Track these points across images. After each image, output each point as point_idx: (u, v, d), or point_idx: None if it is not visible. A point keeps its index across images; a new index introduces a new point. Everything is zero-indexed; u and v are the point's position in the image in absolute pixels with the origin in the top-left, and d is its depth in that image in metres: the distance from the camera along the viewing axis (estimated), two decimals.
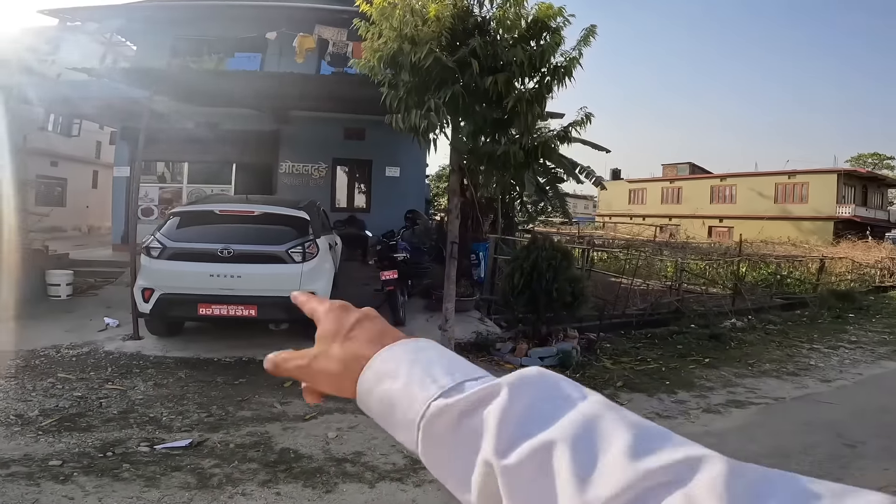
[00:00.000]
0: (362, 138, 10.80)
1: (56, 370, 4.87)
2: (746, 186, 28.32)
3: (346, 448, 3.65)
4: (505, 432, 0.35)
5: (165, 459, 3.33)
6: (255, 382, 4.85)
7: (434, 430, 0.38)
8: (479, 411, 0.37)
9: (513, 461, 0.34)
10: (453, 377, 0.40)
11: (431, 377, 0.40)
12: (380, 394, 0.42)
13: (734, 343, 7.33)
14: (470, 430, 0.37)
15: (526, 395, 0.37)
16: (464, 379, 0.40)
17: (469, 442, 0.36)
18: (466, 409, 0.37)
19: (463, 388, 0.39)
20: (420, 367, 0.41)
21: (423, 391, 0.39)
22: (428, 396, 0.39)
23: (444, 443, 0.38)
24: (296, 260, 5.41)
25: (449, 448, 0.38)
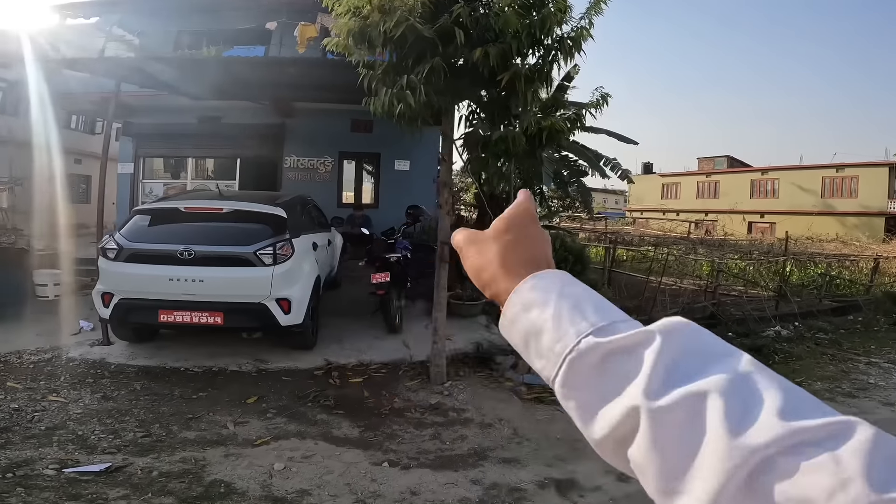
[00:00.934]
0: (370, 131, 10.23)
1: (7, 378, 4.46)
2: (790, 180, 26.60)
3: (291, 484, 3.05)
4: (657, 378, 0.35)
5: (68, 486, 2.82)
6: (214, 398, 4.31)
7: (579, 366, 0.39)
8: (629, 355, 0.37)
9: (663, 404, 0.34)
10: (603, 316, 0.40)
11: (582, 313, 0.40)
12: (526, 321, 0.43)
13: (779, 356, 6.35)
14: (617, 371, 0.37)
15: (677, 345, 0.37)
16: (613, 320, 0.40)
17: (613, 382, 0.37)
18: (616, 350, 0.38)
19: (614, 330, 0.39)
20: (570, 302, 0.42)
21: (574, 326, 0.40)
22: (579, 332, 0.39)
23: (587, 379, 0.38)
24: (265, 262, 4.82)
25: (591, 384, 0.38)
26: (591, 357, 0.38)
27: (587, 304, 0.42)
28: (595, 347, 0.38)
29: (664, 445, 0.34)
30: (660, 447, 0.34)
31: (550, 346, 0.41)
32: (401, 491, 3.09)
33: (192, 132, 10.30)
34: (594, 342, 0.39)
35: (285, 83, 7.89)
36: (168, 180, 11.24)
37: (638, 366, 0.37)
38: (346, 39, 4.36)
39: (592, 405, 0.38)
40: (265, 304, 4.81)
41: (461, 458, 3.58)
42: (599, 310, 0.41)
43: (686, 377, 0.35)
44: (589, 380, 0.38)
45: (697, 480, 0.32)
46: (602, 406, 0.37)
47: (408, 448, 3.68)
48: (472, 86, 4.56)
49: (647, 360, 0.36)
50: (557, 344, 0.40)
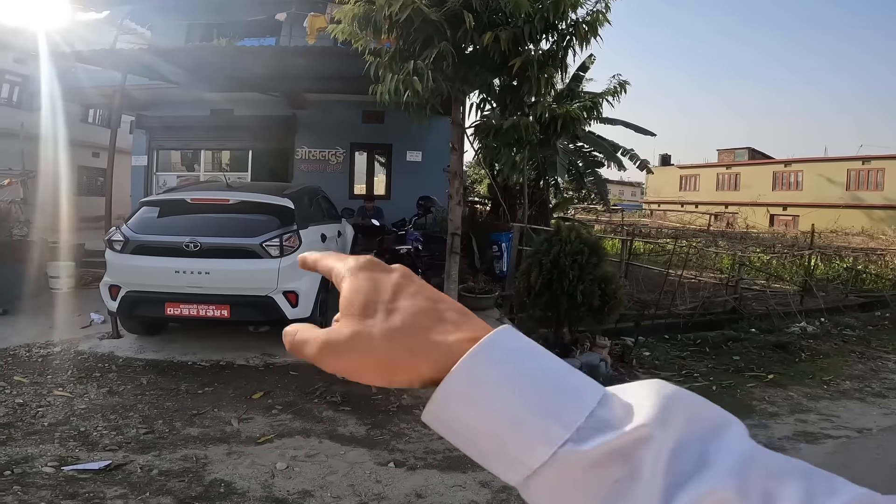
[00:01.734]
0: (381, 122, 10.10)
1: (14, 372, 4.44)
2: (814, 172, 25.88)
3: (293, 485, 2.95)
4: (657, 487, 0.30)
5: (66, 484, 2.76)
6: (220, 393, 4.25)
7: (555, 481, 0.31)
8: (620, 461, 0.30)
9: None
10: (578, 407, 0.31)
11: (551, 411, 0.31)
12: (470, 421, 0.32)
13: (805, 354, 6.06)
14: (604, 480, 0.30)
15: (673, 434, 0.31)
16: (591, 408, 0.31)
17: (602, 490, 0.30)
18: (604, 458, 0.30)
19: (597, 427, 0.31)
20: (531, 394, 0.31)
21: (544, 432, 0.31)
22: (552, 440, 0.30)
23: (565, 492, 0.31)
24: (272, 254, 4.72)
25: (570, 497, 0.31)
26: (572, 470, 0.31)
27: (553, 392, 0.32)
28: (576, 460, 0.30)
29: None
30: None
31: (514, 456, 0.31)
32: (406, 493, 2.97)
33: (205, 124, 10.29)
34: (574, 453, 0.30)
35: (295, 74, 7.80)
36: (182, 172, 11.25)
37: (633, 469, 0.30)
38: (351, 25, 4.22)
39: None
40: (272, 297, 4.73)
41: (470, 460, 3.43)
42: (573, 398, 0.32)
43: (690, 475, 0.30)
44: (567, 493, 0.31)
45: None
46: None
47: (415, 448, 3.57)
48: (482, 72, 4.38)
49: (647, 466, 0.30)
50: (523, 454, 0.31)
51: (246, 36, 9.97)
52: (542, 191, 10.73)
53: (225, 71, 7.77)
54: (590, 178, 11.92)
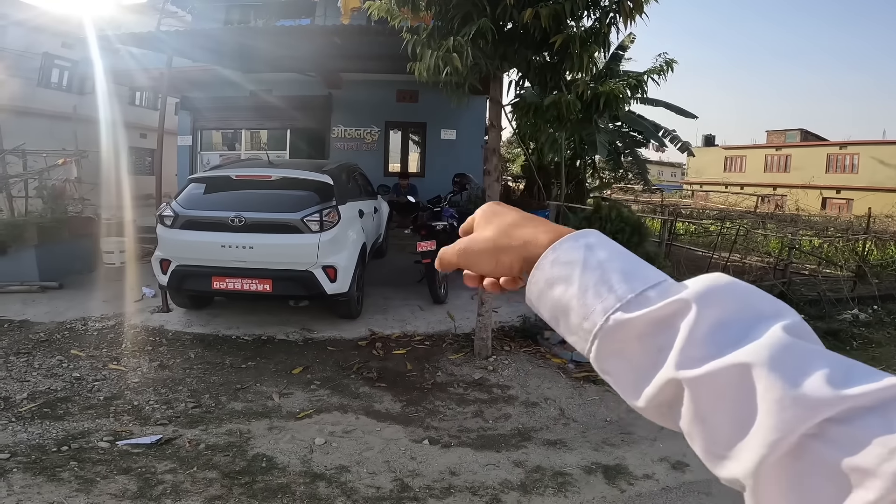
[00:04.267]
0: (415, 101, 10.07)
1: (71, 346, 4.71)
2: (871, 155, 24.41)
3: (330, 460, 3.04)
4: (692, 349, 0.34)
5: (119, 459, 2.91)
6: (262, 367, 4.39)
7: (610, 343, 0.37)
8: (662, 327, 0.36)
9: (702, 374, 0.33)
10: (632, 286, 0.38)
11: (608, 285, 0.38)
12: (552, 299, 0.41)
13: (857, 342, 5.80)
14: (650, 344, 0.36)
15: (715, 311, 0.35)
16: (644, 287, 0.38)
17: (648, 355, 0.36)
18: (648, 324, 0.36)
19: (644, 301, 0.37)
20: (595, 275, 0.39)
21: (601, 302, 0.38)
22: (606, 308, 0.38)
23: (621, 354, 0.37)
24: (312, 229, 4.82)
25: (625, 359, 0.37)
26: (622, 333, 0.37)
27: (613, 273, 0.39)
28: (624, 324, 0.37)
29: (707, 415, 0.33)
30: (702, 417, 0.33)
31: (579, 324, 0.39)
32: (440, 471, 3.02)
33: (245, 105, 10.48)
34: (623, 319, 0.37)
35: (331, 53, 7.81)
36: (224, 151, 11.54)
37: (672, 337, 0.35)
38: (389, 2, 4.16)
39: (629, 379, 0.38)
40: (312, 271, 4.85)
41: (504, 439, 3.48)
42: (628, 278, 0.38)
43: (726, 345, 0.33)
44: (622, 355, 0.37)
45: (744, 448, 0.31)
46: (639, 379, 0.37)
47: (449, 425, 3.61)
48: (521, 49, 4.26)
49: (682, 331, 0.34)
50: (585, 322, 0.39)
51: (281, 17, 10.05)
52: (578, 170, 10.51)
53: (264, 52, 7.85)
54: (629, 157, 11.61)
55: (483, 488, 2.88)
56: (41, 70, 15.49)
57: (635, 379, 0.37)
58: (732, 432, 0.32)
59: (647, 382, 0.36)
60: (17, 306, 5.67)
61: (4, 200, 7.47)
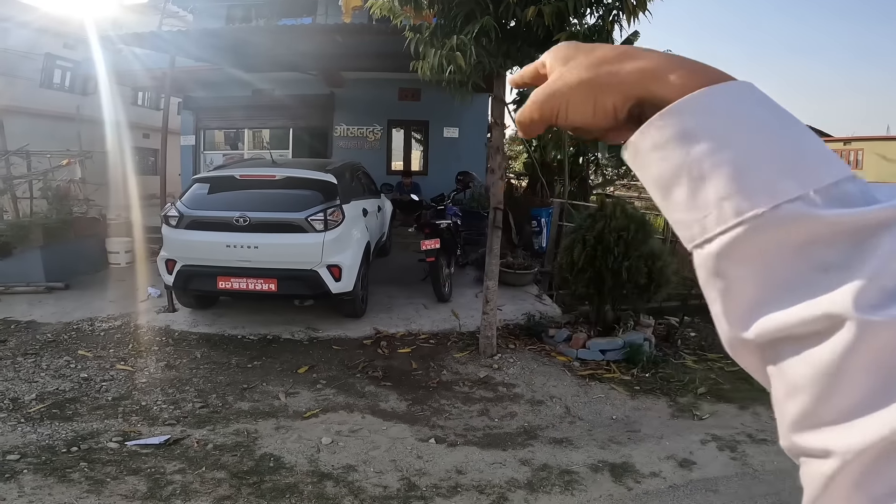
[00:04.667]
0: (418, 99, 10.06)
1: (78, 346, 4.73)
2: (875, 151, 24.35)
3: (337, 459, 3.05)
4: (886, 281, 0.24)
5: (129, 459, 2.93)
6: (268, 367, 4.41)
7: (764, 240, 0.26)
8: (852, 243, 0.25)
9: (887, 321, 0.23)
10: (824, 172, 0.27)
11: (787, 164, 0.27)
12: (681, 157, 0.29)
13: None
14: (823, 258, 0.25)
15: None
16: (840, 177, 0.27)
17: (811, 272, 0.25)
18: (835, 234, 0.25)
19: (842, 197, 0.26)
20: (770, 143, 0.27)
21: (770, 183, 0.26)
22: (777, 193, 0.26)
23: (767, 258, 0.26)
24: (316, 228, 4.84)
25: (769, 267, 0.26)
26: (789, 232, 0.26)
27: (797, 151, 0.28)
28: (801, 221, 0.26)
29: (863, 370, 0.24)
30: (856, 371, 0.24)
31: (716, 201, 0.28)
32: (447, 469, 3.03)
33: (247, 104, 10.50)
34: (802, 213, 0.26)
35: (333, 52, 7.80)
36: (227, 151, 11.56)
37: (862, 258, 0.25)
38: (391, 1, 4.16)
39: (756, 298, 0.27)
40: (316, 270, 4.87)
41: (510, 437, 3.49)
42: (818, 161, 0.28)
43: None
44: (768, 262, 0.27)
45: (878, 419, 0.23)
46: (775, 302, 0.27)
47: (455, 424, 3.62)
48: (525, 47, 4.25)
49: (879, 255, 0.25)
50: (732, 201, 0.27)
51: (283, 16, 10.04)
52: (581, 167, 10.48)
53: (265, 51, 7.85)
54: None
55: (490, 487, 2.89)
56: (43, 71, 15.52)
57: (762, 297, 0.27)
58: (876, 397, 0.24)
59: (778, 306, 0.27)
60: (23, 307, 5.71)
61: (9, 202, 7.51)
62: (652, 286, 4.98)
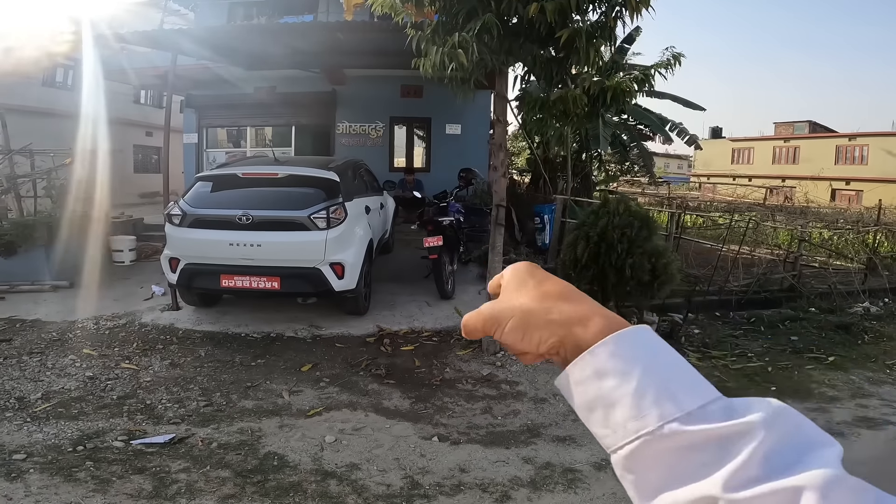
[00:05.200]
0: (420, 96, 10.05)
1: (83, 345, 4.75)
2: (880, 147, 24.23)
3: (341, 457, 3.06)
4: (747, 470, 0.34)
5: (134, 458, 2.94)
6: (271, 365, 4.42)
7: (654, 449, 0.36)
8: (719, 446, 0.35)
9: (747, 497, 0.33)
10: (695, 399, 0.37)
11: (669, 394, 0.37)
12: (595, 390, 0.39)
13: (869, 336, 5.72)
14: (698, 459, 0.35)
15: (775, 436, 0.35)
16: (705, 401, 0.37)
17: (692, 469, 0.35)
18: (705, 440, 0.35)
19: (706, 416, 0.36)
20: (657, 380, 0.38)
21: (657, 408, 0.37)
22: (663, 415, 0.36)
23: (658, 462, 0.36)
24: (319, 226, 4.84)
25: (661, 467, 0.36)
26: (672, 442, 0.36)
27: (677, 383, 0.38)
28: (679, 435, 0.36)
29: None
30: None
31: (623, 422, 0.37)
32: (450, 467, 3.04)
33: (249, 102, 10.49)
34: (679, 430, 0.36)
35: (335, 49, 7.79)
36: (229, 149, 11.57)
37: (726, 456, 0.34)
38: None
39: (656, 485, 0.36)
40: (319, 268, 4.87)
41: (513, 435, 3.49)
42: (691, 389, 0.37)
43: (779, 469, 0.33)
44: (661, 462, 0.36)
45: None
46: (669, 488, 0.36)
47: (458, 422, 3.63)
48: (527, 44, 4.23)
49: (742, 453, 0.34)
50: (632, 422, 0.37)
51: (284, 14, 10.02)
52: (584, 163, 10.46)
53: (267, 49, 7.84)
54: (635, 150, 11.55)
55: (493, 485, 2.89)
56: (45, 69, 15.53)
57: (660, 485, 0.36)
58: None
59: (670, 489, 0.36)
60: (28, 306, 5.73)
61: (13, 200, 7.53)
62: (655, 283, 4.97)
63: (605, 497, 2.84)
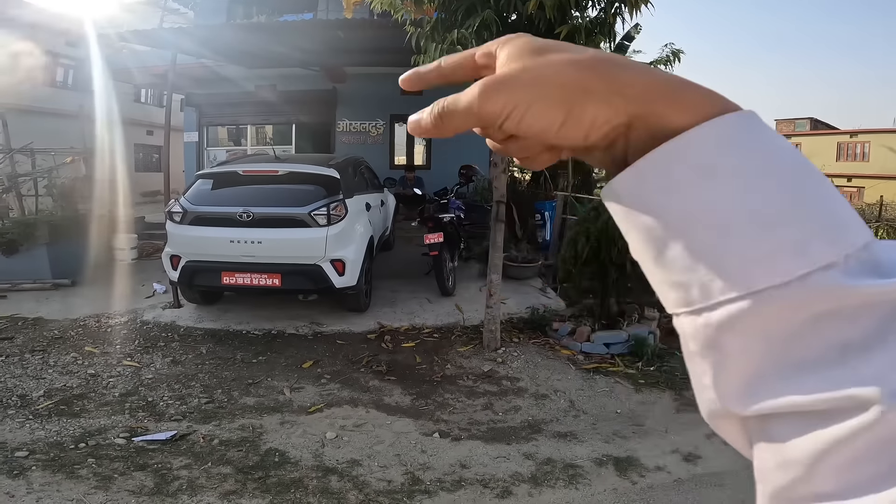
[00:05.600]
0: (420, 93, 9.89)
1: (85, 342, 4.77)
2: (882, 143, 24.25)
3: (342, 454, 3.07)
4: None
5: (135, 455, 2.96)
6: (272, 362, 4.43)
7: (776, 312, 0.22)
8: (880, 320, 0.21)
9: None
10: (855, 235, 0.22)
11: (821, 222, 0.22)
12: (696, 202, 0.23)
13: None
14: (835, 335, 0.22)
15: None
16: (869, 238, 0.22)
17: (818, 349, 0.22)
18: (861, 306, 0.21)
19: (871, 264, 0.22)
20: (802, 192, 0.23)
21: (801, 244, 0.22)
22: (811, 258, 0.22)
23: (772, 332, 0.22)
24: (319, 223, 4.85)
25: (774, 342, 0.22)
26: (812, 305, 0.22)
27: (828, 202, 0.23)
28: (832, 292, 0.22)
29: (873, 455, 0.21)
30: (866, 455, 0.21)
31: (734, 265, 0.23)
32: (451, 463, 3.04)
33: (249, 100, 10.50)
34: (835, 284, 0.22)
35: (335, 47, 7.79)
36: (230, 147, 11.59)
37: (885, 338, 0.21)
38: None
39: (759, 369, 0.23)
40: (320, 265, 4.88)
41: (514, 431, 3.50)
42: (845, 215, 0.23)
43: None
44: (781, 335, 0.23)
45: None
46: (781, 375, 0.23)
47: (459, 418, 3.63)
48: None
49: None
50: (750, 267, 0.23)
51: (284, 12, 10.02)
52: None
53: (267, 47, 7.85)
54: None
55: (494, 481, 2.90)
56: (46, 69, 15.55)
57: (765, 374, 0.24)
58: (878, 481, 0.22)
59: (784, 383, 0.23)
60: (30, 304, 5.75)
61: (15, 199, 7.55)
62: None
63: (605, 493, 2.84)
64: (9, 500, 2.49)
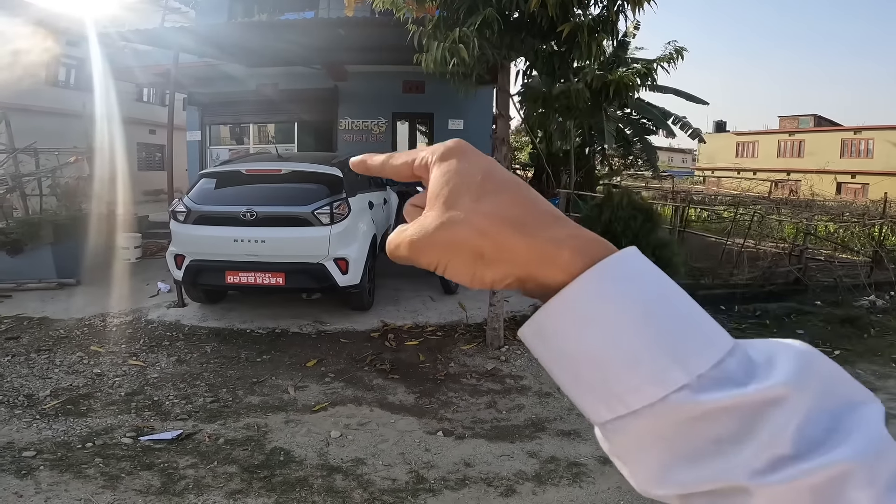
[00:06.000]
0: (422, 91, 10.04)
1: (90, 342, 4.79)
2: (886, 140, 24.14)
3: (346, 452, 3.08)
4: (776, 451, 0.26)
5: (142, 454, 2.97)
6: (277, 361, 4.45)
7: (657, 424, 0.28)
8: (738, 419, 0.27)
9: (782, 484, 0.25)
10: (707, 355, 0.27)
11: (673, 351, 0.27)
12: (576, 344, 0.29)
13: (874, 329, 5.69)
14: (708, 433, 0.27)
15: (808, 398, 0.27)
16: (721, 356, 0.27)
17: (698, 444, 0.27)
18: (718, 414, 0.27)
19: (723, 378, 0.27)
20: (654, 327, 0.28)
21: (660, 373, 0.27)
22: (667, 383, 0.27)
23: (661, 438, 0.28)
24: (323, 222, 4.86)
25: (666, 445, 0.28)
26: (679, 416, 0.27)
27: (678, 330, 0.28)
28: (689, 407, 0.27)
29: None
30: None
31: (615, 391, 0.28)
32: (455, 462, 3.05)
33: (252, 99, 10.50)
34: (690, 401, 0.27)
35: (337, 46, 7.78)
36: (232, 146, 11.60)
37: (748, 431, 0.26)
38: None
39: (658, 464, 0.28)
40: (323, 264, 4.90)
41: (517, 429, 3.51)
42: (701, 340, 0.28)
43: (815, 444, 0.26)
44: (665, 439, 0.28)
45: None
46: (678, 466, 0.28)
47: (463, 417, 3.64)
48: (528, 39, 4.22)
49: (769, 427, 0.26)
50: (626, 392, 0.28)
51: (285, 10, 10.02)
52: (587, 157, 10.44)
53: (268, 46, 7.85)
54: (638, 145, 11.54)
55: (498, 479, 2.91)
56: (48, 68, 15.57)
57: (667, 465, 0.28)
58: None
59: (682, 472, 0.28)
60: (35, 304, 5.78)
61: (19, 199, 7.58)
62: None
63: (609, 491, 2.85)
64: (17, 499, 2.52)
